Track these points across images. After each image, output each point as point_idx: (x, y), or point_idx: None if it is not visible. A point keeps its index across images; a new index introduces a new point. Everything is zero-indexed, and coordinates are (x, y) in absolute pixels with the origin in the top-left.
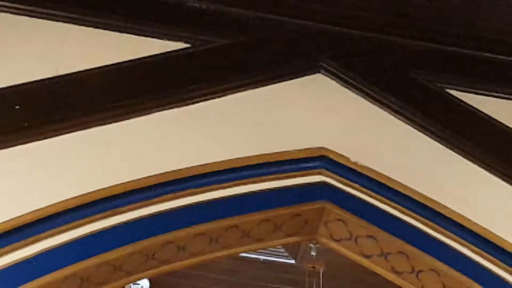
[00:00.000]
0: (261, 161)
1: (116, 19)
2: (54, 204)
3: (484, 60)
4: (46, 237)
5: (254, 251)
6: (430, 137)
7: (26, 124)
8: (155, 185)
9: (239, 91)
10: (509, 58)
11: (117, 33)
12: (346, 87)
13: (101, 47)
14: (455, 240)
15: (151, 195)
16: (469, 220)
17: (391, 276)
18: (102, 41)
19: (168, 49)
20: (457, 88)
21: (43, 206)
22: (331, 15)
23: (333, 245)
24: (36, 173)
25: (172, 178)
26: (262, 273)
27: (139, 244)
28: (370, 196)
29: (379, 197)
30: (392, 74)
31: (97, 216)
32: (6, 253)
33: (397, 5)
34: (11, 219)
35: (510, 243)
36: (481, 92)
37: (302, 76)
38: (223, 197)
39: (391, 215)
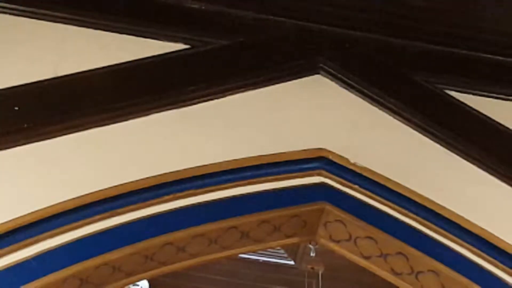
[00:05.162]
0: (260, 162)
1: (116, 20)
2: (53, 205)
3: (484, 61)
4: (45, 238)
5: (254, 252)
6: (430, 138)
7: (25, 125)
8: (154, 186)
9: (239, 92)
10: (509, 59)
11: (117, 34)
12: (346, 88)
13: (100, 48)
14: (454, 241)
15: (150, 196)
16: (468, 221)
17: (390, 277)
18: (102, 42)
19: (168, 50)
20: (457, 89)
21: (42, 207)
22: (330, 16)
23: (332, 246)
24: (35, 174)
25: (171, 179)
26: (261, 274)
27: (138, 245)
28: (369, 197)
29: (378, 198)
30: (391, 75)
31: (97, 217)
32: (6, 254)
33: (397, 6)
34: (10, 220)
35: (509, 244)
36: (480, 93)
37: (301, 77)
38: (222, 198)
39: (391, 216)
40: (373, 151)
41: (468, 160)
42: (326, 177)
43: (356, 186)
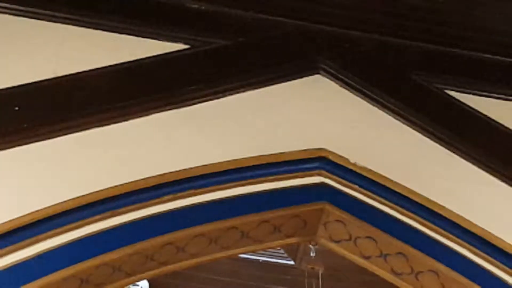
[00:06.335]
0: (260, 162)
1: (115, 20)
2: (53, 205)
3: (484, 61)
4: (45, 238)
5: (254, 252)
6: (429, 138)
7: (25, 125)
8: (154, 186)
9: (238, 92)
10: (508, 59)
11: (116, 34)
12: (346, 88)
13: (100, 48)
14: (454, 241)
15: (150, 196)
16: (468, 221)
17: (390, 277)
18: (101, 42)
19: (167, 50)
20: (457, 89)
21: (42, 207)
22: (330, 16)
23: (332, 246)
24: (35, 174)
25: (171, 179)
26: (261, 274)
27: (138, 245)
28: (369, 197)
29: (378, 198)
30: (391, 75)
31: (96, 217)
32: (6, 254)
33: (397, 6)
34: (10, 220)
35: (509, 244)
36: (480, 93)
37: (301, 77)
38: (223, 198)
39: (391, 216)
40: (373, 151)
41: (468, 160)
42: (326, 177)
43: (356, 186)
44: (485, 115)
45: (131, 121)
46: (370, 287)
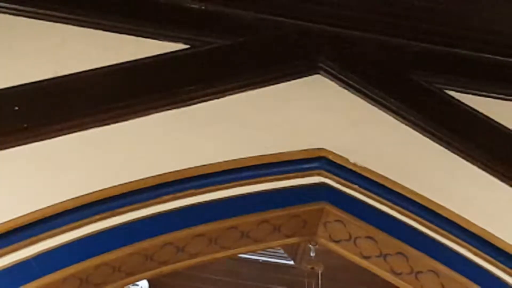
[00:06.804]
0: (260, 162)
1: (116, 20)
2: (53, 205)
3: (483, 61)
4: (45, 238)
5: (253, 252)
6: (429, 138)
7: (25, 125)
8: (154, 186)
9: (238, 92)
10: (508, 59)
11: (117, 34)
12: (345, 88)
13: (100, 48)
14: (454, 241)
15: (150, 196)
16: (468, 221)
17: (390, 277)
18: (102, 42)
19: (168, 50)
20: (456, 89)
21: (42, 207)
22: (330, 16)
23: (332, 246)
24: (35, 174)
25: (171, 179)
26: (261, 274)
27: (138, 245)
28: (369, 197)
29: (378, 198)
30: (391, 75)
31: (96, 217)
32: (6, 254)
33: (396, 6)
34: (10, 220)
35: (509, 244)
36: (480, 93)
37: (301, 77)
38: (222, 198)
39: (390, 216)
40: (373, 151)
41: (467, 160)
42: (326, 177)
43: (356, 186)
44: (485, 115)
45: (131, 121)
46: (369, 287)
